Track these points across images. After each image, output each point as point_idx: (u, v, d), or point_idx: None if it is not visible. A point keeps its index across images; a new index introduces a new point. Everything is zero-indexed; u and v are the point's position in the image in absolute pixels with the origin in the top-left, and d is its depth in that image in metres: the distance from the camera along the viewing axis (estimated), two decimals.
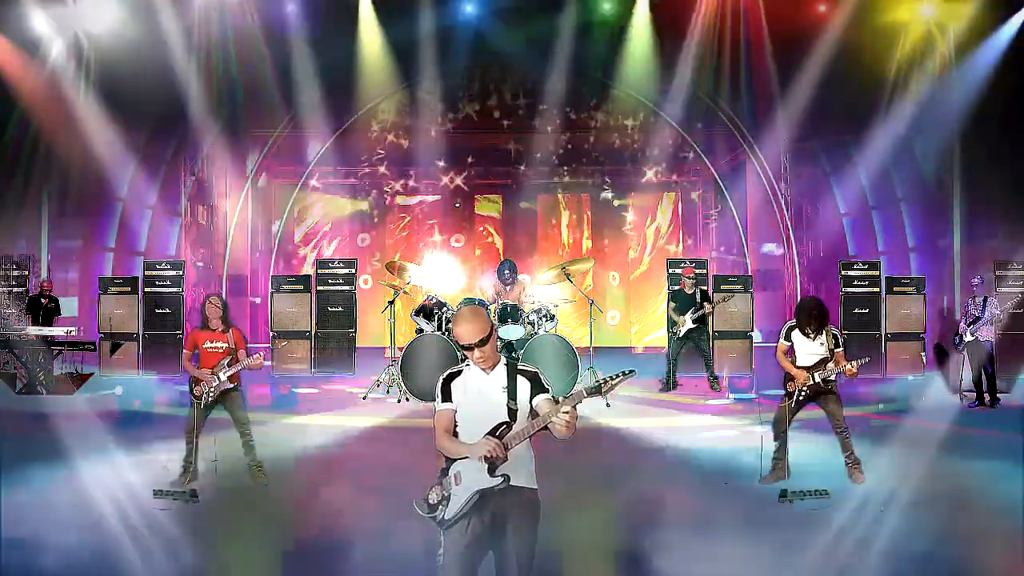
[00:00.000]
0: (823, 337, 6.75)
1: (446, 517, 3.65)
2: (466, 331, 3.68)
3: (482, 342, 3.67)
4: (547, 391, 3.71)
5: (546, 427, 3.55)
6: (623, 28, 14.66)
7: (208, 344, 6.78)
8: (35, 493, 6.30)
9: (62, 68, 13.15)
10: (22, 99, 12.77)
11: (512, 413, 3.66)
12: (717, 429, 9.02)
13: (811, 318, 6.73)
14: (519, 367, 3.75)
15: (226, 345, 6.77)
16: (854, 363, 6.56)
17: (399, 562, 5.01)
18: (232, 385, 6.78)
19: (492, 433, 3.62)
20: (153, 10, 13.13)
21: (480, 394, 3.71)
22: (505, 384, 3.70)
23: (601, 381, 3.53)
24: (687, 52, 14.50)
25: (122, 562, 5.05)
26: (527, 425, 3.62)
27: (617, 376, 3.54)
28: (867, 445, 7.22)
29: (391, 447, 8.21)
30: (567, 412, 3.47)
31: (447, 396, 3.76)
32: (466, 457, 3.65)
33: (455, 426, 3.75)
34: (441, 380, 3.79)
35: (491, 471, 3.60)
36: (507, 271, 10.86)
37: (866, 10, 13.35)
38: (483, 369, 3.73)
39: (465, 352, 3.72)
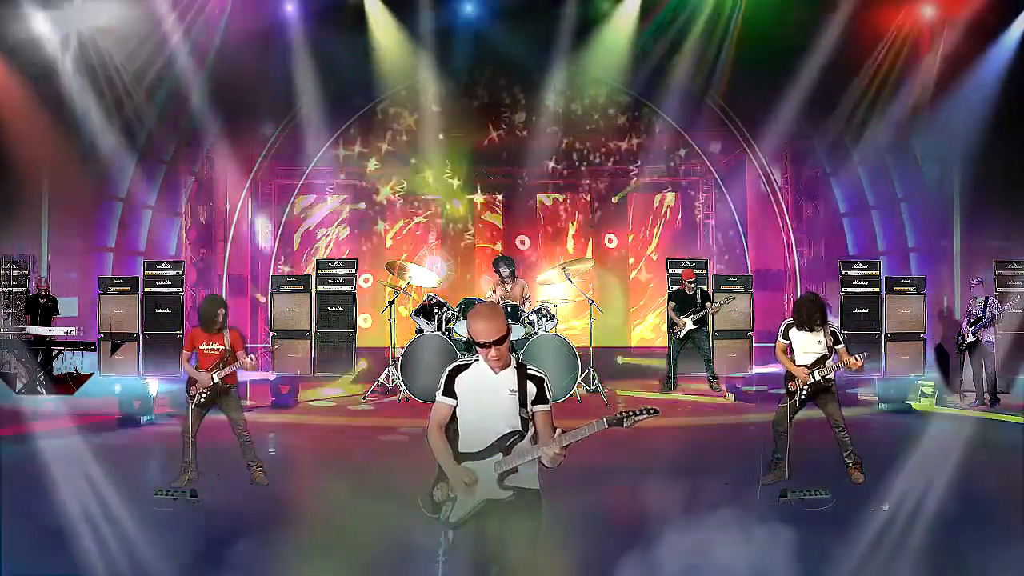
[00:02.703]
0: (821, 335, 6.74)
1: (451, 519, 3.63)
2: (483, 328, 3.62)
3: (498, 341, 3.63)
4: (548, 402, 3.70)
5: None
6: (623, 27, 14.64)
7: (205, 346, 6.78)
8: (35, 492, 6.30)
9: (61, 67, 13.14)
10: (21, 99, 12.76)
11: (525, 423, 3.65)
12: (716, 429, 9.02)
13: (812, 314, 6.72)
14: (528, 371, 3.72)
15: (222, 347, 6.77)
16: (857, 357, 6.56)
17: (399, 562, 5.00)
18: (228, 386, 6.78)
19: (503, 442, 3.61)
20: (153, 8, 13.12)
21: (485, 393, 3.68)
22: (513, 387, 3.66)
23: (624, 414, 3.53)
24: (687, 51, 14.51)
25: (122, 562, 5.04)
26: (527, 450, 3.62)
27: (640, 413, 3.55)
28: (867, 444, 7.22)
29: (391, 447, 8.21)
30: (561, 451, 3.52)
31: (450, 389, 3.71)
32: (472, 455, 3.65)
33: (455, 422, 3.73)
34: (447, 371, 3.74)
35: (500, 482, 3.60)
36: (503, 266, 10.86)
37: (865, 10, 13.35)
38: (492, 368, 3.70)
39: (479, 350, 3.66)
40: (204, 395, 6.69)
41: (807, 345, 6.77)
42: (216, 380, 6.67)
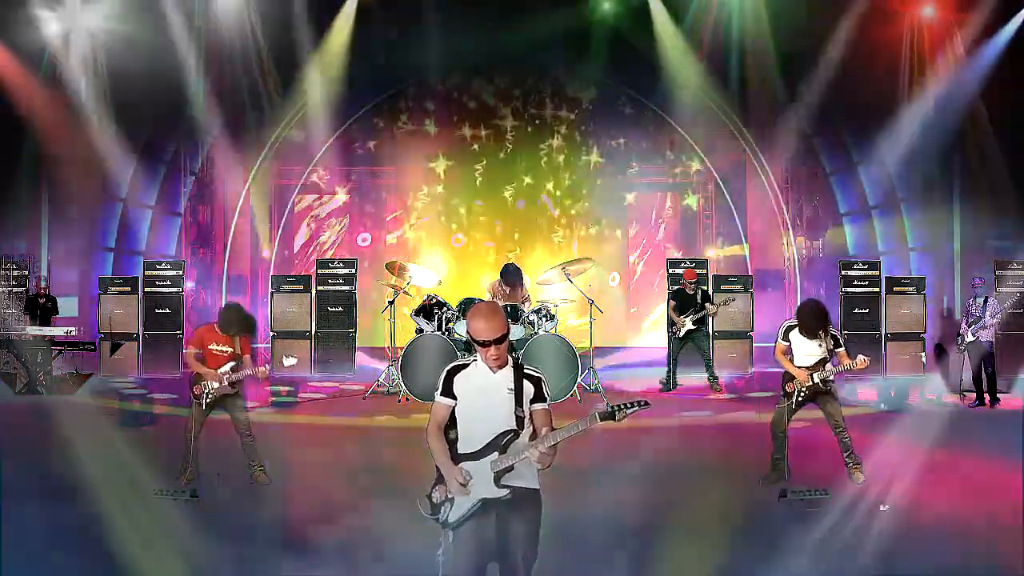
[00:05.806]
0: (822, 338, 6.74)
1: (450, 520, 3.63)
2: (484, 327, 3.62)
3: (498, 340, 3.63)
4: (546, 400, 3.71)
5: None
6: (623, 27, 14.64)
7: (214, 346, 6.79)
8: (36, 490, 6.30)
9: (64, 67, 13.16)
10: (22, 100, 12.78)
11: (520, 421, 3.65)
12: (716, 429, 9.02)
13: (817, 321, 6.72)
14: (525, 370, 3.72)
15: (231, 350, 6.79)
16: (861, 357, 6.53)
17: (398, 562, 5.00)
18: (233, 389, 6.79)
19: (498, 441, 3.62)
20: (155, 7, 13.14)
21: (483, 392, 3.68)
22: (511, 386, 3.66)
23: (615, 407, 3.54)
24: (688, 51, 14.51)
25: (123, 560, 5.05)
26: (522, 447, 3.62)
27: (632, 405, 3.56)
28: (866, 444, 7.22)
29: (391, 447, 8.21)
30: (549, 449, 3.52)
31: (448, 389, 3.71)
32: (469, 455, 3.65)
33: (454, 423, 3.73)
34: (445, 371, 3.74)
35: (497, 480, 3.60)
36: (511, 274, 10.85)
37: (869, 11, 13.36)
38: (490, 367, 3.70)
39: (479, 349, 3.66)
40: (211, 395, 6.70)
41: (807, 347, 6.77)
42: (226, 383, 6.68)
